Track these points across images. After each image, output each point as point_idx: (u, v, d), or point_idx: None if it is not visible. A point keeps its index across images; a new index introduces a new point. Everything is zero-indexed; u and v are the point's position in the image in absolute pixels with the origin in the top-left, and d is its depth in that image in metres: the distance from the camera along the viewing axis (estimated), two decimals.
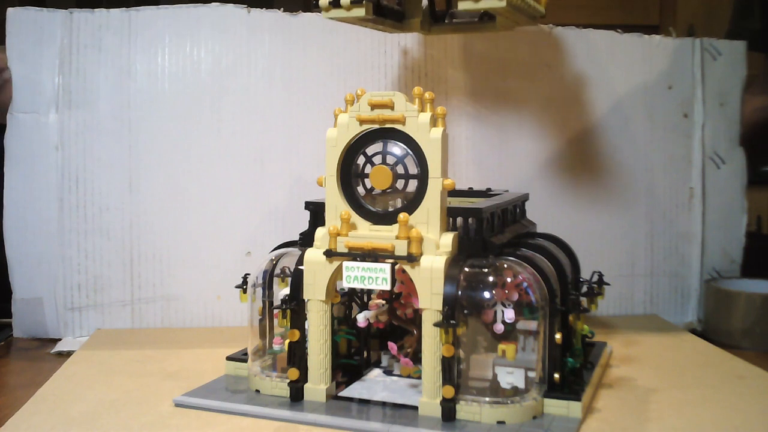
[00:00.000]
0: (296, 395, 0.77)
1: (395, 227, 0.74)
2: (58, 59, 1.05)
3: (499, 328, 0.74)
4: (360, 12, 0.78)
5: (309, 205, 0.84)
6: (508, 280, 0.75)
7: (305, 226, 0.84)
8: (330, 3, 0.78)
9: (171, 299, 1.08)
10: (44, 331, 1.07)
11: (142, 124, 1.07)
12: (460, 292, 0.72)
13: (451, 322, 0.71)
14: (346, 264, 0.75)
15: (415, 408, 0.74)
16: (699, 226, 1.15)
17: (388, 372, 0.86)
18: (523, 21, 0.83)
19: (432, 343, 0.73)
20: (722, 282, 1.11)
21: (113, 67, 1.07)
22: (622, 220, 1.14)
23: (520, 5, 0.78)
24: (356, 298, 0.87)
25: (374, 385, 0.82)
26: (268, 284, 0.85)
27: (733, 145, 1.16)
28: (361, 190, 0.79)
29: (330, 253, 0.76)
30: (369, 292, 0.87)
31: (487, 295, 0.74)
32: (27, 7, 1.05)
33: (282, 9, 1.08)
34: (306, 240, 0.81)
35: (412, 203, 0.75)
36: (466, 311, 0.73)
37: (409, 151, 0.75)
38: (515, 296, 0.75)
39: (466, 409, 0.72)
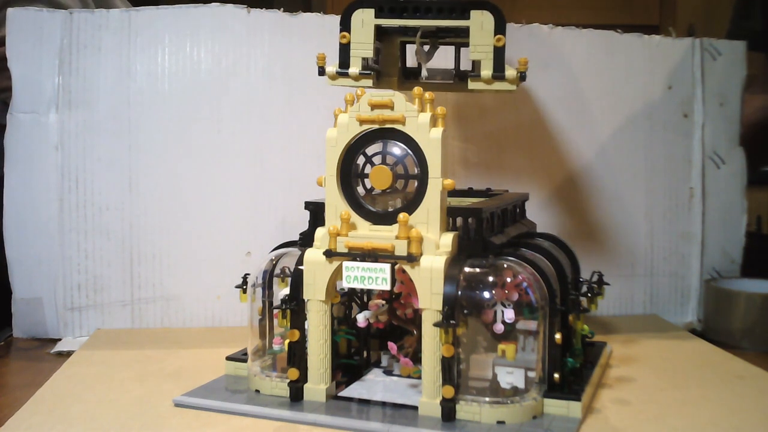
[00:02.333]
0: (296, 395, 0.77)
1: (395, 227, 0.74)
2: (58, 59, 1.05)
3: (499, 328, 0.74)
4: (368, 82, 0.81)
5: (309, 205, 0.84)
6: (508, 280, 0.75)
7: (305, 226, 0.84)
8: (337, 73, 0.80)
9: (171, 299, 1.08)
10: (44, 331, 1.07)
11: (142, 124, 1.07)
12: (459, 292, 0.72)
13: (451, 322, 0.71)
14: (346, 264, 0.75)
15: (415, 408, 0.74)
16: (699, 226, 1.15)
17: (388, 372, 0.86)
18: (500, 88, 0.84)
19: (432, 343, 0.73)
20: (722, 282, 1.11)
21: (113, 67, 1.06)
22: (622, 221, 1.14)
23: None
24: (356, 298, 0.87)
25: (374, 385, 0.82)
26: (268, 284, 0.85)
27: (733, 145, 1.15)
28: (361, 190, 0.79)
29: (330, 253, 0.76)
30: (369, 292, 0.87)
31: (487, 295, 0.74)
32: (27, 7, 1.05)
33: (282, 9, 1.08)
34: (306, 240, 0.81)
35: (412, 203, 0.75)
36: (465, 311, 0.73)
37: (409, 151, 0.75)
38: (515, 296, 0.75)
39: (465, 409, 0.72)
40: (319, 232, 0.78)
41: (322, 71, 0.81)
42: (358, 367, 0.86)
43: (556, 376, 0.75)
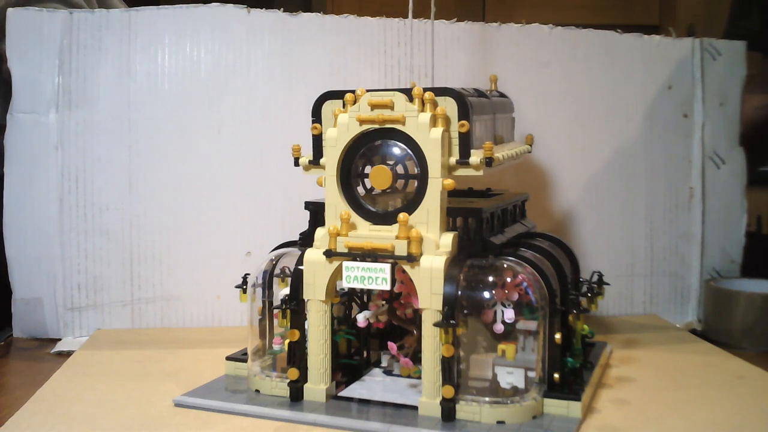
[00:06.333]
0: (296, 395, 0.77)
1: (395, 227, 0.74)
2: (58, 59, 1.05)
3: (499, 328, 0.74)
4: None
5: (309, 205, 0.84)
6: (508, 280, 0.75)
7: (305, 226, 0.84)
8: (310, 162, 0.81)
9: (171, 299, 1.08)
10: (44, 331, 1.07)
11: (142, 124, 1.07)
12: (459, 292, 0.72)
13: (451, 322, 0.71)
14: (345, 264, 0.75)
15: (415, 408, 0.74)
16: (699, 226, 1.15)
17: (388, 372, 0.86)
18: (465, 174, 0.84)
19: (432, 343, 0.73)
20: (722, 282, 1.11)
21: (113, 67, 1.06)
22: (622, 221, 1.14)
23: None
24: (356, 298, 0.87)
25: (374, 385, 0.82)
26: (268, 284, 0.85)
27: (733, 145, 1.15)
28: (361, 190, 0.79)
29: (330, 253, 0.76)
30: (369, 292, 0.87)
31: (487, 295, 0.74)
32: (27, 7, 1.05)
33: (282, 9, 1.08)
34: (306, 240, 0.81)
35: (412, 203, 0.75)
36: (465, 311, 0.73)
37: (409, 151, 0.75)
38: (515, 296, 0.75)
39: (465, 409, 0.72)
40: (319, 232, 0.78)
41: (296, 162, 0.82)
42: (358, 367, 0.86)
43: (556, 376, 0.75)
